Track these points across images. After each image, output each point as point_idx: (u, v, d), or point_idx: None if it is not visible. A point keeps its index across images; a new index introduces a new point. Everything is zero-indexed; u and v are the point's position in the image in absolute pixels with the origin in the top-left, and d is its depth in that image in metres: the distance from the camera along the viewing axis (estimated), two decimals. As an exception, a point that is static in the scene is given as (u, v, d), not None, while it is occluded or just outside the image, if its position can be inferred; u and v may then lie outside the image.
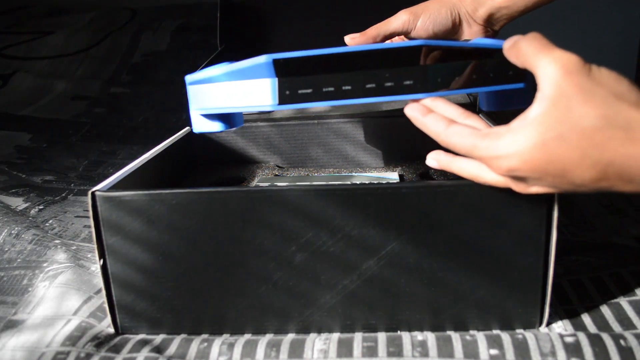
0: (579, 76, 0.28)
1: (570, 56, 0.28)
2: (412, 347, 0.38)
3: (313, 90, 0.36)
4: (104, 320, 0.43)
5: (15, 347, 0.41)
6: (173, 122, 1.12)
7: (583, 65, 0.28)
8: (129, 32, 1.48)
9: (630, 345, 0.36)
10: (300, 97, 0.36)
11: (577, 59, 0.28)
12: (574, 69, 0.28)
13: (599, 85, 0.27)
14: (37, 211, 0.67)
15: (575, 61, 0.28)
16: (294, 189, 0.37)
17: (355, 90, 0.36)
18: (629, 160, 0.27)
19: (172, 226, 0.38)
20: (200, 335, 0.41)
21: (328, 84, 0.36)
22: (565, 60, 0.28)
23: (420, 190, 0.37)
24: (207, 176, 0.62)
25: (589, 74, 0.28)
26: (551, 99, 0.28)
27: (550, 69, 0.28)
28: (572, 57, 0.28)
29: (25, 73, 1.37)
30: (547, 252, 0.37)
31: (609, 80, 0.28)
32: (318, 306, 0.39)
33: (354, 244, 0.38)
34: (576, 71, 0.28)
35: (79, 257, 0.53)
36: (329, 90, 0.36)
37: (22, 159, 0.94)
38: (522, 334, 0.38)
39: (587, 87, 0.27)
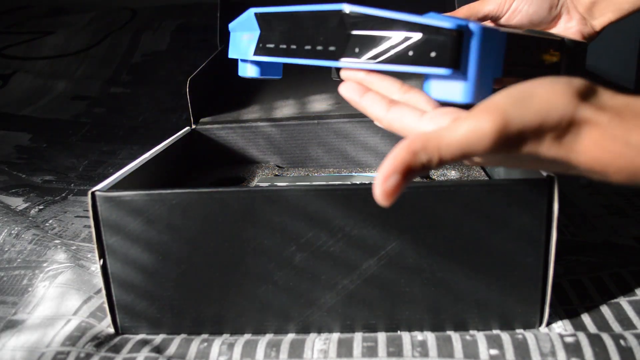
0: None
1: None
2: (412, 347, 0.38)
3: (275, 46, 0.37)
4: (104, 320, 0.43)
5: (15, 347, 0.41)
6: (173, 122, 1.12)
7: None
8: (129, 32, 1.48)
9: (630, 345, 0.36)
10: (267, 50, 0.37)
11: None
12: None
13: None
14: (37, 211, 0.67)
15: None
16: (294, 189, 0.37)
17: (298, 51, 0.35)
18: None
19: (172, 226, 0.38)
20: (200, 335, 0.41)
21: (285, 40, 0.36)
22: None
23: (420, 190, 0.37)
24: (207, 176, 0.62)
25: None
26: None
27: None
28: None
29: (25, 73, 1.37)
30: (547, 252, 0.37)
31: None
32: (318, 306, 0.39)
33: (354, 243, 0.38)
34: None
35: (79, 257, 0.53)
36: (282, 47, 0.36)
37: (22, 159, 0.94)
38: (522, 334, 0.38)
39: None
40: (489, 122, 0.25)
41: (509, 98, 0.26)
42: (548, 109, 0.25)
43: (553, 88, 0.26)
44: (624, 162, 0.24)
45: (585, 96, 0.25)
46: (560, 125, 0.25)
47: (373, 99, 0.32)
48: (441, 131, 0.26)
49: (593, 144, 0.25)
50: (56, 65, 1.40)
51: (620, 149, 0.24)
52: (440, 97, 0.32)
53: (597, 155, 0.25)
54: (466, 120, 0.25)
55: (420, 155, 0.26)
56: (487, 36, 0.30)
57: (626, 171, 0.25)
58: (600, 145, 0.25)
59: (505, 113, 0.25)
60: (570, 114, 0.25)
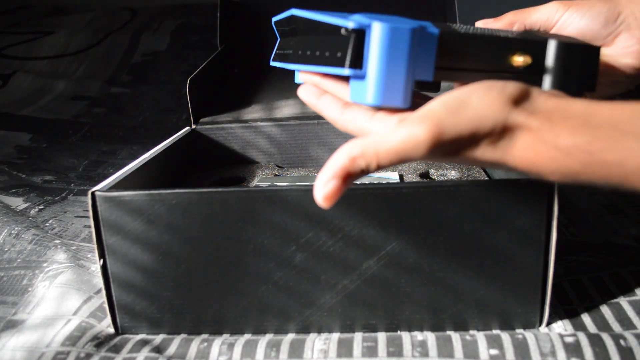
0: None
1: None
2: (412, 347, 0.38)
3: (284, 52, 0.36)
4: (104, 320, 0.43)
5: (15, 347, 0.41)
6: (173, 122, 1.12)
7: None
8: (129, 32, 1.48)
9: (630, 345, 0.36)
10: (280, 57, 0.37)
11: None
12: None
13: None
14: (37, 211, 0.67)
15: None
16: (294, 189, 0.37)
17: (293, 56, 0.35)
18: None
19: (172, 226, 0.38)
20: (200, 335, 0.41)
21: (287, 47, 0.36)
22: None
23: (420, 190, 0.37)
24: (207, 176, 0.62)
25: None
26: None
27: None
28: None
29: (25, 73, 1.37)
30: (547, 252, 0.37)
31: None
32: (318, 306, 0.39)
33: (354, 244, 0.38)
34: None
35: (79, 257, 0.53)
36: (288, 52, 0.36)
37: (22, 159, 0.94)
38: (522, 334, 0.38)
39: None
40: (423, 130, 0.26)
41: (444, 106, 0.27)
42: (481, 117, 0.26)
43: (487, 95, 0.26)
44: (555, 164, 0.25)
45: (519, 101, 0.26)
46: (494, 131, 0.26)
47: (329, 102, 0.33)
48: (379, 137, 0.27)
49: (526, 148, 0.26)
50: (56, 65, 1.40)
51: (550, 152, 0.25)
52: (354, 99, 0.32)
53: (531, 158, 0.26)
54: (402, 128, 0.27)
55: (358, 161, 0.27)
56: (396, 36, 0.29)
57: (559, 173, 0.26)
58: (532, 149, 0.26)
59: (440, 121, 0.26)
60: (502, 120, 0.26)
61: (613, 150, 0.24)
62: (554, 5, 0.39)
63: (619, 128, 0.24)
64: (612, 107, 0.25)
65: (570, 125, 0.25)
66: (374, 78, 0.30)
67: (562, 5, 0.39)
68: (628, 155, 0.23)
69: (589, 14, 0.38)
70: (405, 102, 0.31)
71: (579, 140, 0.24)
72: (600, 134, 0.24)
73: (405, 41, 0.30)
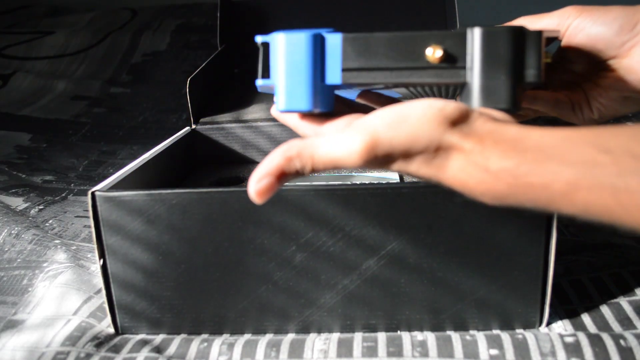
0: None
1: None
2: (412, 347, 0.38)
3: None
4: (104, 320, 0.43)
5: (15, 347, 0.41)
6: (173, 122, 1.12)
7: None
8: (129, 32, 1.48)
9: (630, 345, 0.36)
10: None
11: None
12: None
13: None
14: (37, 211, 0.67)
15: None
16: (294, 189, 0.37)
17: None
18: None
19: (172, 226, 0.38)
20: (200, 335, 0.41)
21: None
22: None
23: (420, 190, 0.37)
24: (207, 176, 0.62)
25: None
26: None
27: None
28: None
29: (25, 73, 1.37)
30: (547, 252, 0.37)
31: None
32: (318, 306, 0.39)
33: (354, 244, 0.38)
34: None
35: (79, 257, 0.53)
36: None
37: (22, 159, 0.94)
38: (522, 334, 0.38)
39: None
40: (358, 141, 0.27)
41: (382, 120, 0.28)
42: (417, 134, 0.26)
43: (425, 114, 0.27)
44: (485, 187, 0.26)
45: (456, 122, 0.27)
46: (428, 149, 0.27)
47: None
48: (317, 142, 0.28)
49: (458, 169, 0.26)
50: (56, 65, 1.40)
51: (480, 174, 0.25)
52: (275, 109, 0.35)
53: (463, 179, 0.26)
54: (339, 136, 0.28)
55: (294, 162, 0.28)
56: (293, 43, 0.31)
57: (489, 195, 0.26)
58: (464, 171, 0.26)
59: (376, 134, 0.27)
60: (437, 139, 0.26)
61: (538, 174, 0.24)
62: (567, 10, 0.37)
63: (546, 152, 0.24)
64: (542, 131, 0.25)
65: (501, 149, 0.25)
66: (278, 85, 0.32)
67: (575, 10, 0.36)
68: (552, 179, 0.24)
69: (603, 19, 0.35)
70: (316, 106, 0.33)
71: (507, 163, 0.25)
72: (527, 158, 0.24)
73: (302, 47, 0.32)
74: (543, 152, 0.24)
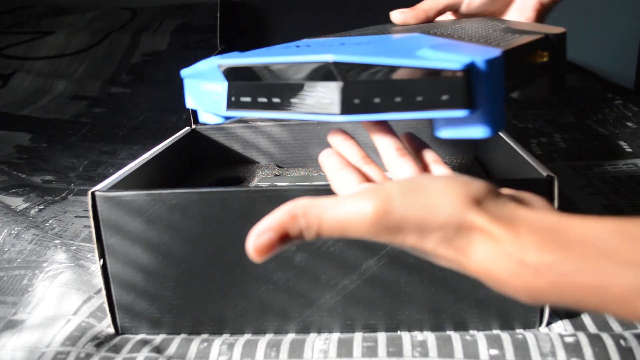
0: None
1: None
2: (412, 347, 0.38)
3: (251, 99, 0.33)
4: (104, 320, 0.43)
5: (15, 347, 0.41)
6: (173, 122, 1.12)
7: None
8: (129, 32, 1.48)
9: (630, 345, 0.36)
10: (242, 105, 0.33)
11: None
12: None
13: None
14: (37, 211, 0.67)
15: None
16: (294, 189, 0.37)
17: (284, 105, 0.32)
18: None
19: (172, 226, 0.38)
20: (200, 335, 0.41)
21: (264, 93, 0.32)
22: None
23: (420, 190, 0.36)
24: (207, 176, 0.62)
25: None
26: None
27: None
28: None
29: (25, 73, 1.37)
30: (547, 252, 0.37)
31: None
32: (318, 306, 0.39)
33: (354, 243, 0.38)
34: None
35: (79, 257, 0.53)
36: (261, 101, 0.32)
37: (22, 159, 0.94)
38: (522, 334, 0.38)
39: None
40: (370, 206, 0.24)
41: (400, 188, 0.25)
42: (435, 207, 0.24)
43: (447, 187, 0.24)
44: (521, 282, 0.22)
45: (482, 202, 0.24)
46: (447, 226, 0.23)
47: (331, 164, 0.32)
48: (326, 202, 0.25)
49: (485, 257, 0.23)
50: (56, 65, 1.40)
51: (515, 267, 0.22)
52: (454, 136, 0.30)
53: (492, 270, 0.23)
54: (350, 199, 0.25)
55: (299, 221, 0.25)
56: (492, 65, 0.28)
57: (525, 292, 0.22)
58: (493, 261, 0.23)
59: (390, 200, 0.24)
60: (459, 218, 0.23)
61: (590, 274, 0.21)
62: None
63: (597, 248, 0.21)
64: (587, 222, 0.22)
65: (539, 240, 0.22)
66: (486, 111, 0.28)
67: None
68: (609, 281, 0.20)
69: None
70: (504, 124, 0.30)
71: (549, 257, 0.22)
72: (574, 253, 0.21)
73: (497, 66, 0.29)
74: (593, 248, 0.21)
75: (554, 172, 0.37)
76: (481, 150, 0.62)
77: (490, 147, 0.57)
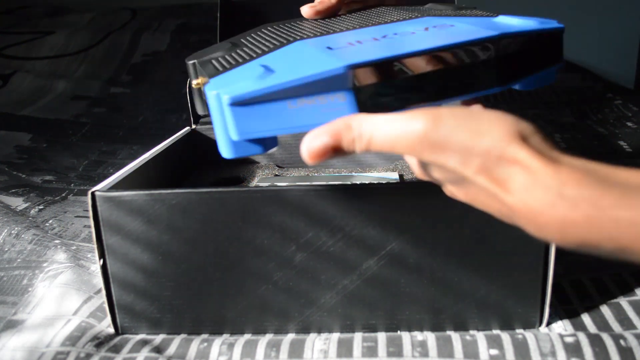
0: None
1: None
2: (412, 347, 0.38)
3: (394, 97, 0.30)
4: (104, 320, 0.43)
5: (15, 347, 0.41)
6: (173, 122, 1.12)
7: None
8: (129, 32, 1.48)
9: (630, 345, 0.36)
10: (382, 105, 0.30)
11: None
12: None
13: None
14: (37, 211, 0.67)
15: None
16: (294, 189, 0.37)
17: (429, 93, 0.31)
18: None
19: (172, 226, 0.38)
20: (200, 335, 0.41)
21: (406, 87, 0.30)
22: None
23: (420, 190, 0.37)
24: (207, 176, 0.62)
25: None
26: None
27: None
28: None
29: (25, 73, 1.37)
30: (547, 252, 0.37)
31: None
32: (318, 306, 0.39)
33: (354, 244, 0.38)
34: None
35: (79, 257, 0.53)
36: (407, 96, 0.30)
37: (22, 159, 0.94)
38: (522, 334, 0.38)
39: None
40: (421, 122, 0.25)
41: (451, 111, 0.26)
42: (482, 133, 0.24)
43: (497, 119, 0.25)
44: (556, 214, 0.23)
45: (527, 139, 0.24)
46: (489, 155, 0.24)
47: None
48: (380, 118, 0.26)
49: (522, 188, 0.23)
50: (56, 65, 1.40)
51: (552, 199, 0.23)
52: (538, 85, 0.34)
53: (527, 201, 0.23)
54: (403, 116, 0.26)
55: (353, 131, 0.26)
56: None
57: (558, 225, 0.23)
58: (529, 192, 0.23)
59: (440, 119, 0.25)
60: (501, 148, 0.24)
61: (628, 207, 0.21)
62: None
63: (637, 187, 0.22)
64: (628, 171, 0.23)
65: (581, 176, 0.23)
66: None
67: None
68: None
69: None
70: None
71: (589, 192, 0.22)
72: (613, 191, 0.22)
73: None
74: (634, 187, 0.22)
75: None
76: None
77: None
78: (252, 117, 0.28)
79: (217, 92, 0.28)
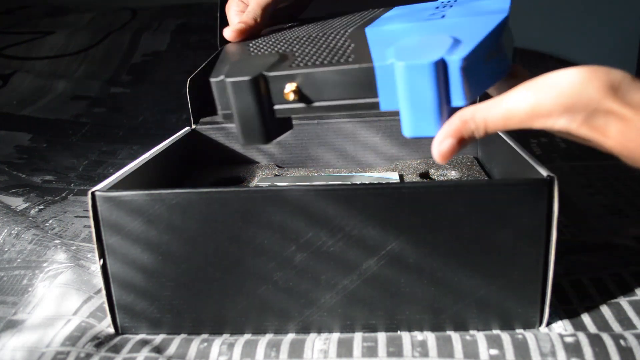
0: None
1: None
2: (412, 347, 0.38)
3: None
4: (104, 320, 0.43)
5: (15, 347, 0.41)
6: (173, 122, 1.12)
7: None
8: (129, 32, 1.48)
9: (630, 345, 0.36)
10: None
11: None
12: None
13: None
14: (37, 211, 0.67)
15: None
16: (294, 189, 0.37)
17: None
18: None
19: (172, 226, 0.38)
20: (200, 335, 0.41)
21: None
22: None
23: (420, 190, 0.37)
24: (207, 176, 0.62)
25: None
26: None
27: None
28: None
29: (25, 73, 1.37)
30: (547, 252, 0.37)
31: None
32: (318, 306, 0.39)
33: (354, 244, 0.38)
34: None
35: (79, 257, 0.53)
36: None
37: (22, 159, 0.94)
38: (522, 334, 0.38)
39: None
40: (530, 94, 0.29)
41: (545, 80, 0.29)
42: (577, 94, 0.28)
43: (592, 76, 0.28)
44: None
45: (618, 89, 0.28)
46: (588, 109, 0.28)
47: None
48: (488, 104, 0.30)
49: (619, 132, 0.28)
50: (56, 65, 1.40)
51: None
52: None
53: (623, 142, 0.28)
54: (508, 94, 0.30)
55: (469, 124, 0.30)
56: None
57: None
58: (624, 135, 0.28)
59: (538, 91, 0.29)
60: (596, 102, 0.28)
61: None
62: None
63: None
64: None
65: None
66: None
67: None
68: None
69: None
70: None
71: None
72: None
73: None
74: None
75: (554, 172, 0.37)
76: (481, 150, 0.62)
77: (491, 147, 0.57)
78: (471, 76, 0.31)
79: (432, 61, 0.29)
